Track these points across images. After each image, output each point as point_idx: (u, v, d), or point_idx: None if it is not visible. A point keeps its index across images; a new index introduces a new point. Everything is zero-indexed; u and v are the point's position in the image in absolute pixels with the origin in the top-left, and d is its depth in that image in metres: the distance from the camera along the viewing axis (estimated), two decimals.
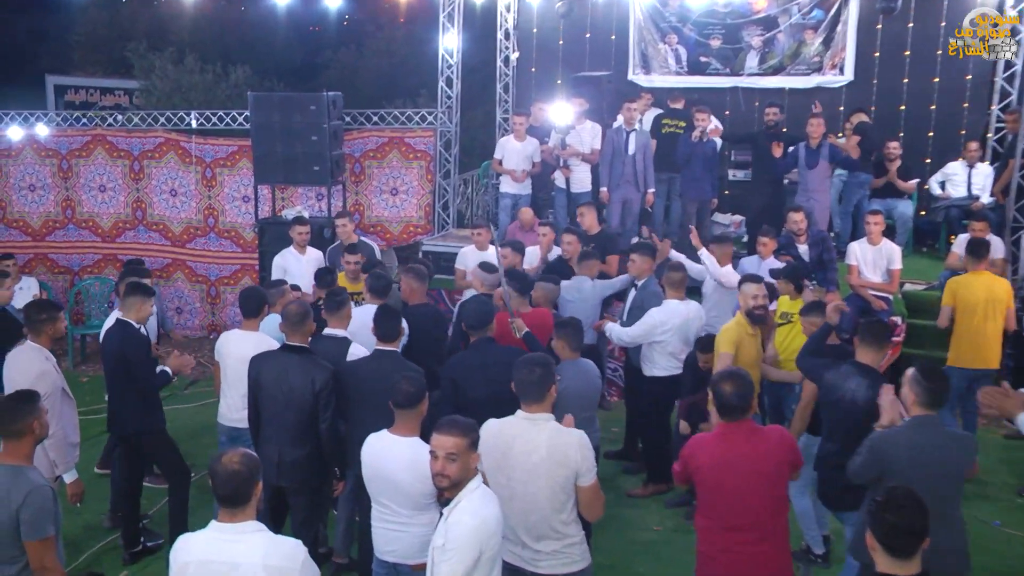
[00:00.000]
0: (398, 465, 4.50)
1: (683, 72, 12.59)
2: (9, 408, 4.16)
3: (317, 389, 5.42)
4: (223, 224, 12.03)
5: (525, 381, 4.36)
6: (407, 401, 4.55)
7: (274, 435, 5.54)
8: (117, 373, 6.11)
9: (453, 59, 11.39)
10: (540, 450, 4.25)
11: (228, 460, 3.55)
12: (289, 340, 5.61)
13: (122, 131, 12.26)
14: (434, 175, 11.61)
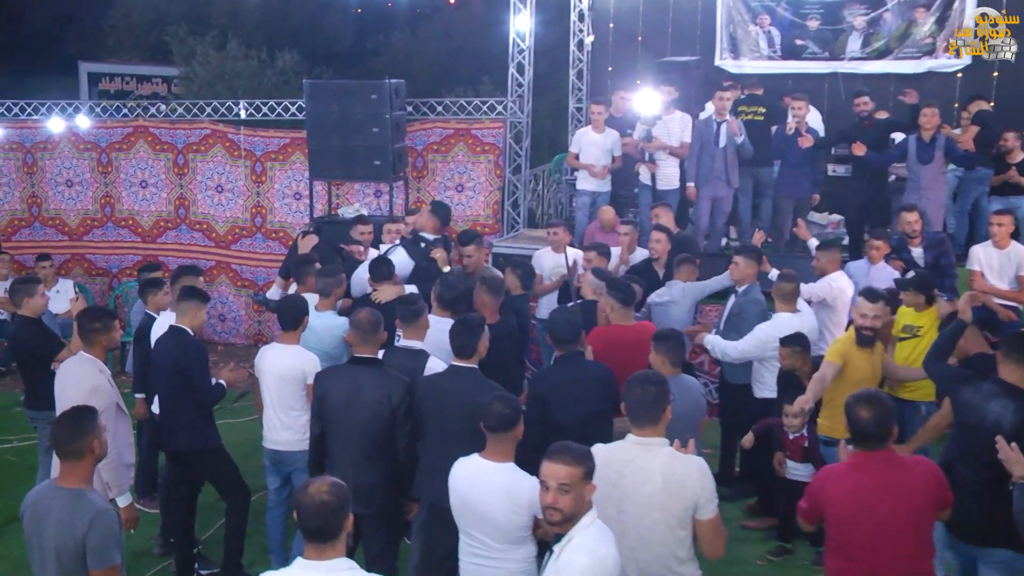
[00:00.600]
0: (491, 494, 4.39)
1: (776, 56, 12.38)
2: (67, 427, 4.12)
3: (395, 404, 5.34)
4: (271, 223, 12.06)
5: (638, 401, 4.24)
6: (502, 424, 4.45)
7: (346, 457, 5.45)
8: (173, 385, 6.10)
9: (525, 43, 11.28)
10: (654, 479, 4.13)
11: (316, 490, 3.47)
12: (358, 351, 5.54)
13: (165, 122, 12.37)
14: (503, 170, 11.52)
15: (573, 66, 13.06)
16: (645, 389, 4.26)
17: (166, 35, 20.20)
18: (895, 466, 4.22)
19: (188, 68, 18.78)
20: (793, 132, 10.01)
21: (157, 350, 6.31)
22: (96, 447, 4.14)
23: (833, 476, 4.32)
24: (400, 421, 5.37)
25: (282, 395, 6.15)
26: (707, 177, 10.17)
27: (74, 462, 4.09)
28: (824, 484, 4.31)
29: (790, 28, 12.22)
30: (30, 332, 6.91)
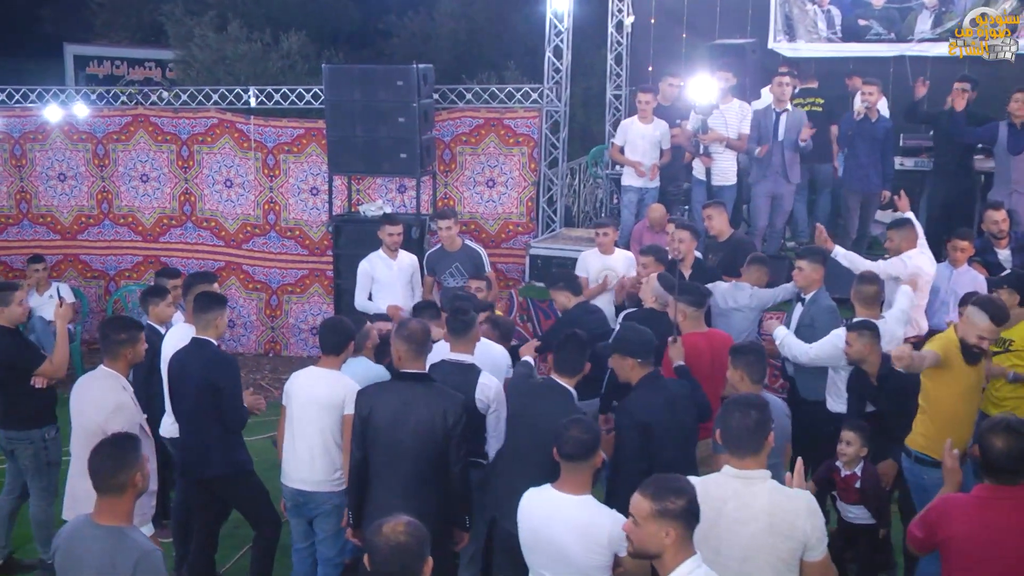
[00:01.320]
0: (568, 530, 4.31)
1: (836, 38, 12.23)
2: (108, 457, 4.01)
3: (449, 424, 5.23)
4: (286, 221, 11.99)
5: (739, 428, 4.10)
6: (581, 452, 4.35)
7: (393, 484, 5.36)
8: (202, 405, 5.98)
9: (563, 24, 11.16)
10: (759, 518, 4.00)
11: (391, 531, 3.38)
12: (407, 367, 5.43)
13: (168, 111, 12.30)
14: (538, 163, 11.41)
15: (611, 50, 12.93)
16: (747, 414, 4.11)
17: (160, 15, 20.06)
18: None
19: (185, 51, 18.64)
20: (862, 119, 9.90)
21: (178, 366, 6.16)
22: (139, 480, 4.04)
23: (959, 509, 4.19)
24: (455, 443, 5.27)
25: (320, 426, 5.90)
26: (764, 172, 10.06)
27: (115, 497, 3.99)
28: (947, 517, 4.18)
29: (852, 7, 12.06)
30: (5, 344, 6.66)
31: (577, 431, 4.37)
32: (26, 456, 6.77)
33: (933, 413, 5.90)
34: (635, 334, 5.62)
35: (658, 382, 5.53)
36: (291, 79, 16.40)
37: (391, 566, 3.35)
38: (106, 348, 5.70)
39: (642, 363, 5.49)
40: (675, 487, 3.64)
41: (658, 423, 5.27)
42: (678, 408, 5.43)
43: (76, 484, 5.75)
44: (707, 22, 12.63)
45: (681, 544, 3.58)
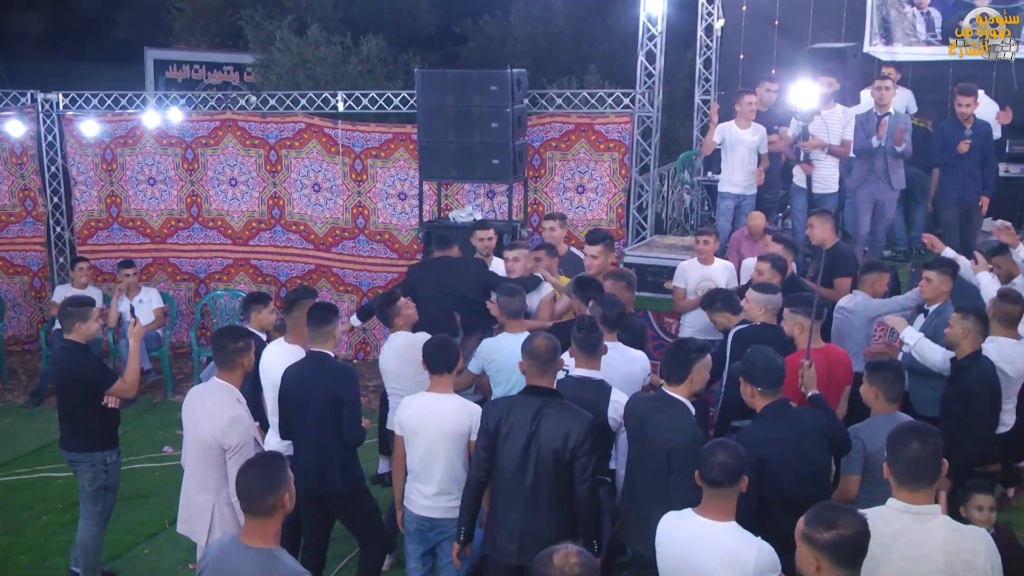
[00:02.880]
0: (713, 559, 4.12)
1: (935, 42, 11.87)
2: (259, 479, 3.89)
3: (572, 446, 5.06)
4: (375, 225, 11.91)
5: (916, 458, 3.83)
6: (727, 477, 4.16)
7: (515, 502, 5.21)
8: (324, 419, 5.86)
9: (657, 28, 10.93)
10: (934, 557, 3.74)
11: (563, 561, 3.25)
12: (534, 382, 5.27)
13: (256, 115, 12.27)
14: (629, 170, 11.20)
15: (700, 54, 12.71)
16: (926, 443, 3.86)
17: (240, 19, 20.16)
18: None
19: (266, 55, 18.70)
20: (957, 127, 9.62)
21: (296, 381, 6.00)
22: (287, 501, 3.93)
23: None
24: (581, 464, 5.08)
25: (448, 455, 5.63)
26: (866, 177, 9.79)
27: (265, 519, 3.88)
28: None
29: (953, 8, 11.69)
30: (78, 361, 6.51)
31: (723, 456, 4.17)
32: (84, 479, 6.62)
33: None
34: (762, 360, 5.29)
35: (783, 413, 5.19)
36: (370, 83, 16.35)
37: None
38: (222, 359, 5.59)
39: (764, 392, 5.19)
40: (827, 517, 3.47)
41: (777, 458, 4.98)
42: (806, 443, 5.09)
43: (191, 498, 5.68)
44: (800, 25, 12.36)
45: (840, 572, 3.42)
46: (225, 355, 5.58)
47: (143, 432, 9.88)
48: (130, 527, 7.91)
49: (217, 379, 5.62)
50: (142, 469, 8.99)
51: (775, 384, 5.20)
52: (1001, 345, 6.43)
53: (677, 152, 13.29)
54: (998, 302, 6.58)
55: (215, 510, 5.55)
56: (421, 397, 5.79)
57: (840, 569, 3.41)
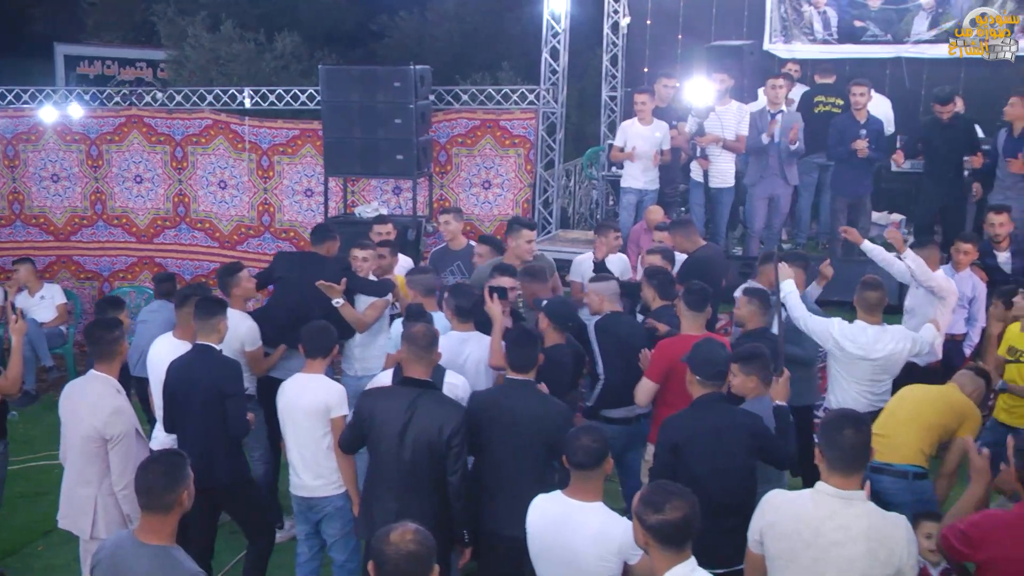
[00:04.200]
0: (581, 538, 4.24)
1: (832, 40, 12.23)
2: (160, 475, 3.90)
3: (447, 436, 5.13)
4: (280, 223, 11.90)
5: (850, 444, 3.90)
6: (591, 460, 4.27)
7: (392, 487, 5.27)
8: (209, 412, 5.87)
9: (560, 25, 11.11)
10: (857, 541, 3.82)
11: (399, 539, 3.31)
12: (411, 372, 5.35)
13: (162, 111, 12.19)
14: (535, 165, 11.33)
15: (607, 51, 12.89)
16: (860, 430, 3.94)
17: (152, 15, 19.98)
18: None
19: (178, 51, 18.55)
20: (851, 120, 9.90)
21: (181, 374, 6.01)
22: (185, 499, 3.96)
23: (1004, 528, 4.00)
24: (454, 453, 5.15)
25: (312, 434, 5.83)
26: (761, 174, 10.02)
27: (163, 516, 3.90)
28: (990, 539, 3.99)
29: (848, 7, 12.06)
30: None
31: (588, 440, 4.29)
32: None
33: None
34: (707, 352, 5.32)
35: (712, 406, 5.18)
36: (284, 80, 16.32)
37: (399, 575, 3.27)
38: (99, 351, 5.60)
39: (701, 382, 5.20)
40: (656, 500, 3.60)
41: (691, 447, 4.99)
42: (726, 439, 5.02)
43: (72, 492, 5.66)
44: (703, 23, 12.61)
45: (666, 553, 3.56)
46: (101, 347, 5.58)
47: (43, 430, 9.71)
48: (26, 525, 7.80)
49: (95, 371, 5.61)
50: (40, 467, 8.87)
51: (713, 377, 5.21)
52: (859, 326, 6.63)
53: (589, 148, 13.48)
54: (860, 289, 6.76)
55: (98, 502, 5.54)
56: (294, 379, 6.00)
57: (665, 549, 3.54)
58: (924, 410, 5.89)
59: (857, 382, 6.65)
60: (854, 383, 6.65)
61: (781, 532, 3.89)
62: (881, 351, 6.58)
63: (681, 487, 3.67)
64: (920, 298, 7.63)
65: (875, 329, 6.65)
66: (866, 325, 6.68)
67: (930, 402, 5.94)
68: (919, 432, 5.77)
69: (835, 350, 6.63)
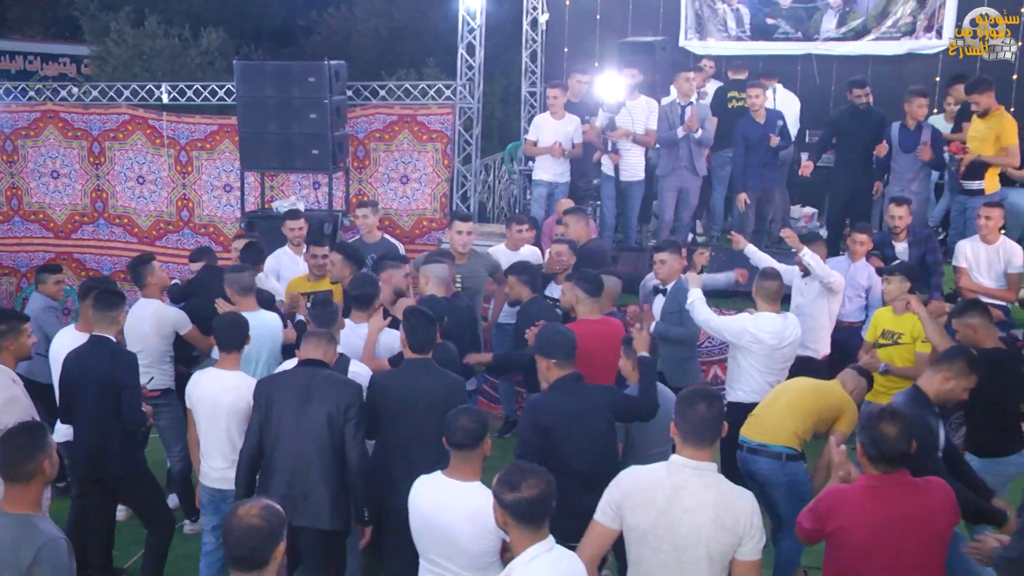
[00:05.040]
0: (457, 516, 4.36)
1: (745, 37, 12.47)
2: (18, 445, 4.00)
3: (344, 410, 5.30)
4: (199, 218, 11.93)
5: (702, 419, 4.09)
6: (469, 440, 4.41)
7: (292, 469, 5.39)
8: (104, 402, 5.93)
9: (476, 21, 11.24)
10: (706, 510, 4.00)
11: (246, 513, 3.43)
12: (307, 354, 5.49)
13: (78, 106, 12.16)
14: (452, 160, 11.48)
15: (526, 47, 13.04)
16: (712, 405, 4.11)
17: (75, 9, 19.83)
18: (913, 491, 4.18)
19: (101, 47, 18.44)
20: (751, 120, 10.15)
21: (77, 365, 6.07)
22: (48, 467, 4.03)
23: (848, 501, 4.23)
24: (351, 430, 5.32)
25: (228, 429, 5.86)
26: (672, 166, 10.21)
27: (23, 485, 3.98)
28: (837, 511, 4.22)
29: (761, 6, 12.30)
30: None
31: (466, 420, 4.43)
32: None
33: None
34: (555, 335, 5.52)
35: (572, 387, 5.38)
36: (210, 76, 16.32)
37: (242, 548, 3.40)
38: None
39: (558, 364, 5.39)
40: (512, 480, 3.74)
41: (561, 428, 5.19)
42: (591, 417, 5.27)
43: None
44: (620, 20, 12.78)
45: (523, 531, 3.70)
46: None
47: None
48: None
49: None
50: None
51: (567, 357, 5.40)
52: (763, 317, 6.89)
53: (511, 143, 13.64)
54: (758, 279, 7.03)
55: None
56: (208, 373, 6.03)
57: (522, 527, 3.70)
58: (804, 399, 6.16)
59: (770, 372, 6.90)
60: (767, 374, 6.90)
61: (638, 502, 4.05)
62: (790, 337, 6.88)
63: (537, 467, 3.82)
64: (810, 295, 7.92)
65: (779, 317, 6.92)
66: (772, 314, 6.93)
67: (811, 393, 6.23)
68: (796, 418, 6.04)
69: (752, 344, 6.84)
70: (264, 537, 3.40)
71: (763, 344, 6.79)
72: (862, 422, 4.27)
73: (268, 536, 3.40)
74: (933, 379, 5.24)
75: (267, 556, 3.41)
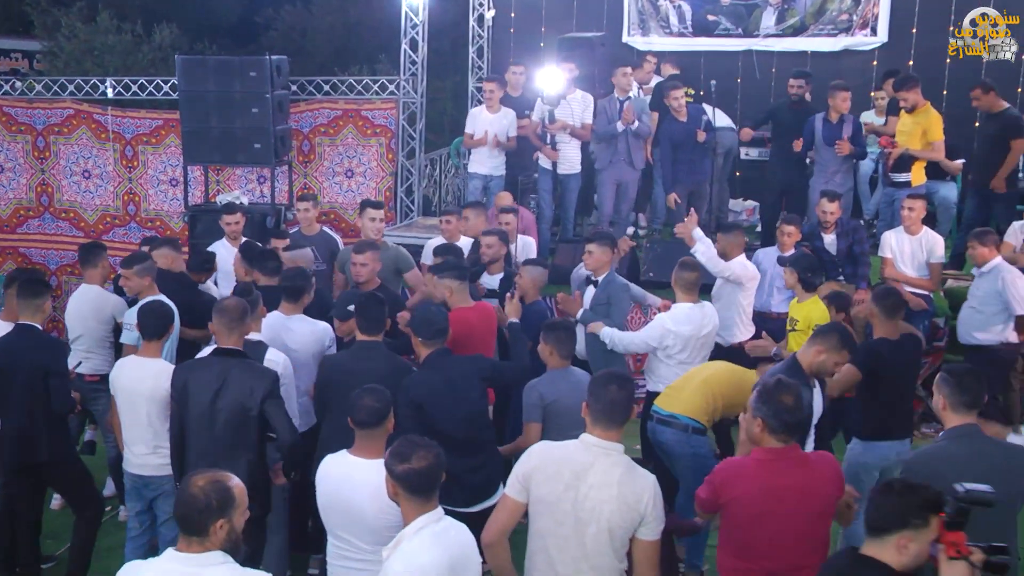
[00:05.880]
0: (361, 493, 4.49)
1: (687, 33, 12.69)
2: None
3: (259, 398, 5.42)
4: (146, 212, 12.02)
5: (611, 400, 4.26)
6: (372, 419, 4.57)
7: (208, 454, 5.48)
8: (32, 390, 6.01)
9: (418, 17, 11.41)
10: (611, 487, 4.18)
11: (193, 482, 3.59)
12: (222, 342, 5.62)
13: (22, 101, 12.22)
14: (396, 154, 11.63)
15: (473, 43, 13.21)
16: (623, 387, 4.29)
17: (26, 4, 19.82)
18: (802, 464, 4.36)
19: (52, 43, 18.45)
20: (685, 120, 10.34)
21: (2, 353, 6.14)
22: None
23: (740, 472, 4.40)
24: (272, 415, 5.43)
25: (149, 416, 5.96)
26: (611, 159, 10.38)
27: None
28: (730, 481, 4.40)
29: (702, 3, 12.55)
30: None
31: (369, 400, 4.59)
32: None
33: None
34: (424, 315, 5.81)
35: (440, 361, 5.66)
36: (163, 71, 16.36)
37: (178, 510, 3.57)
38: None
39: (424, 342, 5.69)
40: (403, 451, 3.90)
41: (432, 400, 5.47)
42: (460, 387, 5.57)
43: None
44: (564, 17, 12.99)
45: (413, 501, 3.87)
46: None
47: None
48: None
49: None
50: None
51: (434, 335, 5.69)
52: (680, 309, 7.08)
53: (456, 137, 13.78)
54: (677, 270, 7.20)
55: None
56: (129, 360, 6.14)
57: (412, 498, 3.87)
58: (718, 378, 6.41)
59: (690, 364, 7.04)
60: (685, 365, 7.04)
61: (546, 475, 4.22)
62: (708, 325, 7.07)
63: (427, 440, 3.99)
64: (718, 284, 8.12)
65: (697, 307, 7.11)
66: (689, 304, 7.11)
67: (725, 375, 6.47)
68: (706, 395, 6.29)
69: (672, 342, 6.99)
70: (199, 509, 3.53)
71: (680, 336, 6.97)
72: (759, 396, 4.41)
73: (203, 509, 3.53)
74: (808, 352, 5.50)
75: (202, 526, 3.54)
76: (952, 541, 3.52)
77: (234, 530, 3.62)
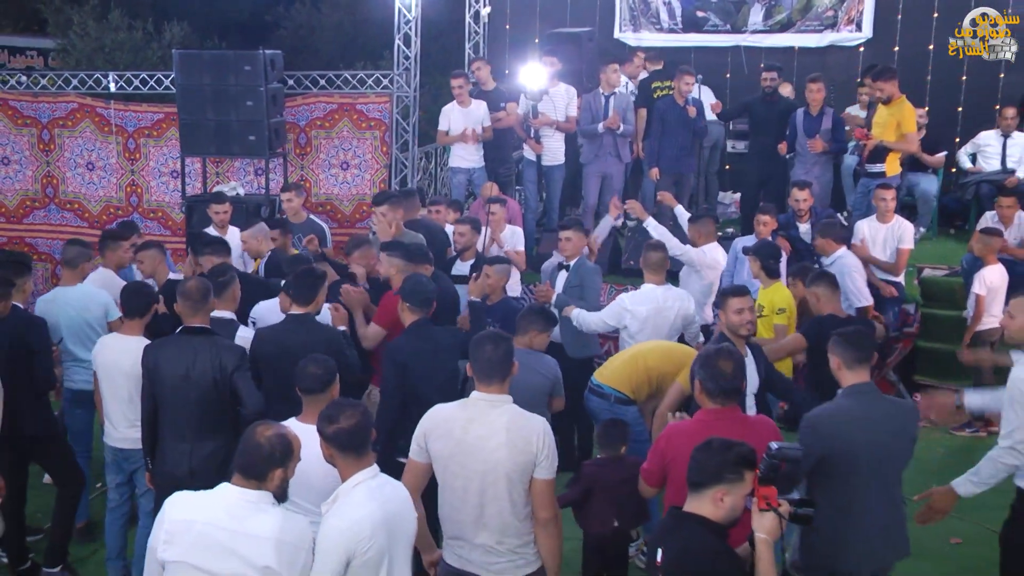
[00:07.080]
0: (308, 456, 4.71)
1: (677, 29, 12.94)
2: None
3: (230, 371, 5.65)
4: (148, 203, 12.32)
5: (489, 359, 4.56)
6: (317, 385, 4.85)
7: (182, 431, 5.74)
8: (16, 366, 6.25)
9: (411, 13, 11.68)
10: (499, 434, 4.47)
11: (259, 432, 3.96)
12: (188, 322, 5.84)
13: (27, 95, 12.51)
14: (390, 147, 11.90)
15: (469, 39, 13.48)
16: (497, 346, 4.59)
17: (39, 3, 20.18)
18: (742, 424, 4.59)
19: (65, 40, 18.80)
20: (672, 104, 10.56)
21: None
22: None
23: (681, 434, 4.63)
24: (242, 387, 5.66)
25: (129, 391, 6.21)
26: (596, 152, 10.61)
27: None
28: (672, 443, 4.64)
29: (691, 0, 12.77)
30: None
31: (313, 367, 4.89)
32: None
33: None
34: (418, 285, 6.19)
35: (425, 330, 6.08)
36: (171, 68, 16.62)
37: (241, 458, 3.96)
38: None
39: (412, 308, 6.08)
40: (331, 414, 4.17)
41: (415, 364, 5.87)
42: (441, 355, 6.03)
43: None
44: (558, 13, 13.27)
45: (346, 459, 4.13)
46: None
47: None
48: None
49: None
50: None
51: (421, 304, 6.09)
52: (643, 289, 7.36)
53: None
54: (644, 251, 7.47)
55: None
56: (111, 337, 6.43)
57: (345, 456, 4.13)
58: (651, 353, 6.68)
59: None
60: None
61: (438, 435, 4.54)
62: (672, 307, 7.30)
63: (353, 400, 4.31)
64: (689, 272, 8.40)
65: (660, 288, 7.36)
66: (653, 286, 7.37)
67: (658, 352, 6.70)
68: (636, 367, 6.59)
69: (630, 322, 7.26)
70: (263, 456, 3.90)
71: (637, 317, 7.22)
72: (700, 361, 4.72)
73: (267, 457, 3.90)
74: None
75: (263, 472, 3.90)
76: (764, 495, 3.83)
77: (286, 479, 3.98)
